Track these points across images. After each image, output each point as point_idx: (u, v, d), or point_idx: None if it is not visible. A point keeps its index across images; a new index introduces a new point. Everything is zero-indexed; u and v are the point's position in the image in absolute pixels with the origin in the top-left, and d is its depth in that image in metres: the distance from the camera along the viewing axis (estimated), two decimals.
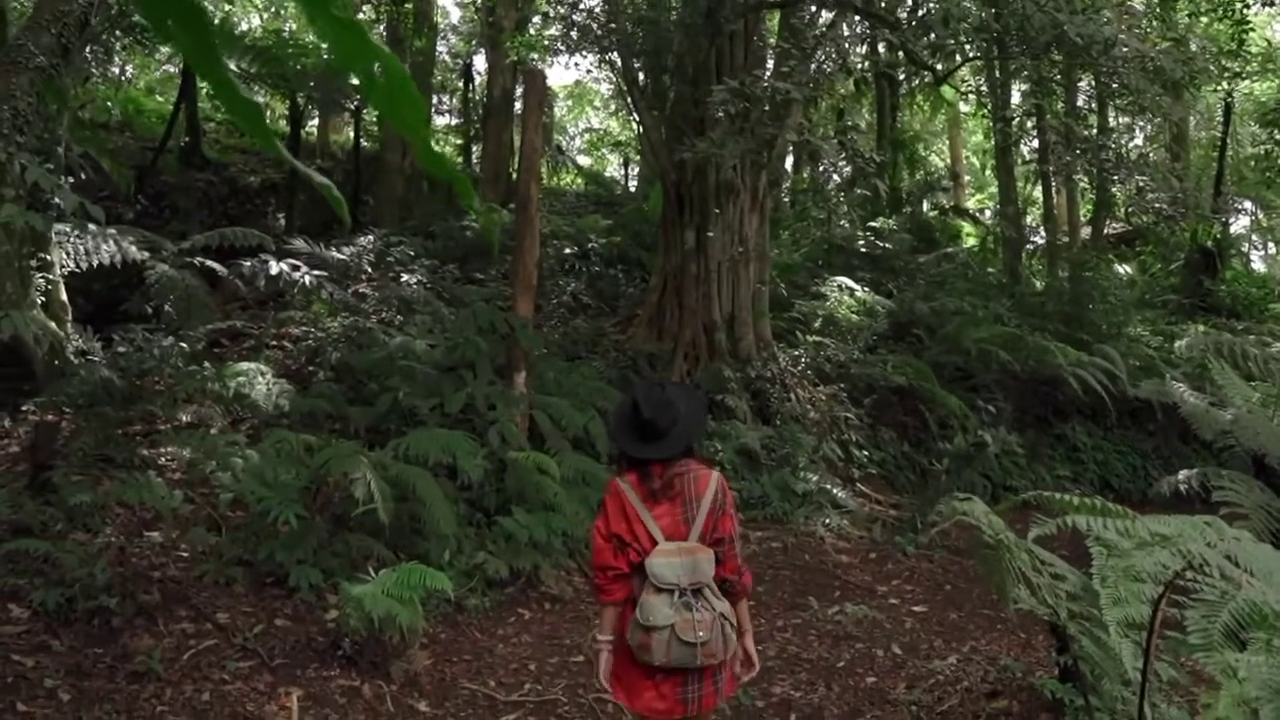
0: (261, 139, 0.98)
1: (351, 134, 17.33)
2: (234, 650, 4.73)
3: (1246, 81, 16.47)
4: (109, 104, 15.21)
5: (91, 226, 8.33)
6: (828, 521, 8.76)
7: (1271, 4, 13.27)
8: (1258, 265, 25.04)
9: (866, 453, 10.32)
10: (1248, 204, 22.38)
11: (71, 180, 7.59)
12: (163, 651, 4.54)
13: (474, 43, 20.80)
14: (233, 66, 16.38)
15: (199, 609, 5.03)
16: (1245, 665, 2.12)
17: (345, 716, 4.42)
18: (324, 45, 0.98)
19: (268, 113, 25.43)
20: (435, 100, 21.05)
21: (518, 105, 18.34)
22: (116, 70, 17.41)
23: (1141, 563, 2.36)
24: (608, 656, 3.12)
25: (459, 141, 21.90)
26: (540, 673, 5.38)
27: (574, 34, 11.04)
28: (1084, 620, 3.48)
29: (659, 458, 3.03)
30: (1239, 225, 23.07)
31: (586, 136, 27.60)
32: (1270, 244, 27.61)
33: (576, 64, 18.27)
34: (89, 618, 4.63)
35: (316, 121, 19.45)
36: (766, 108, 9.09)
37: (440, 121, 22.22)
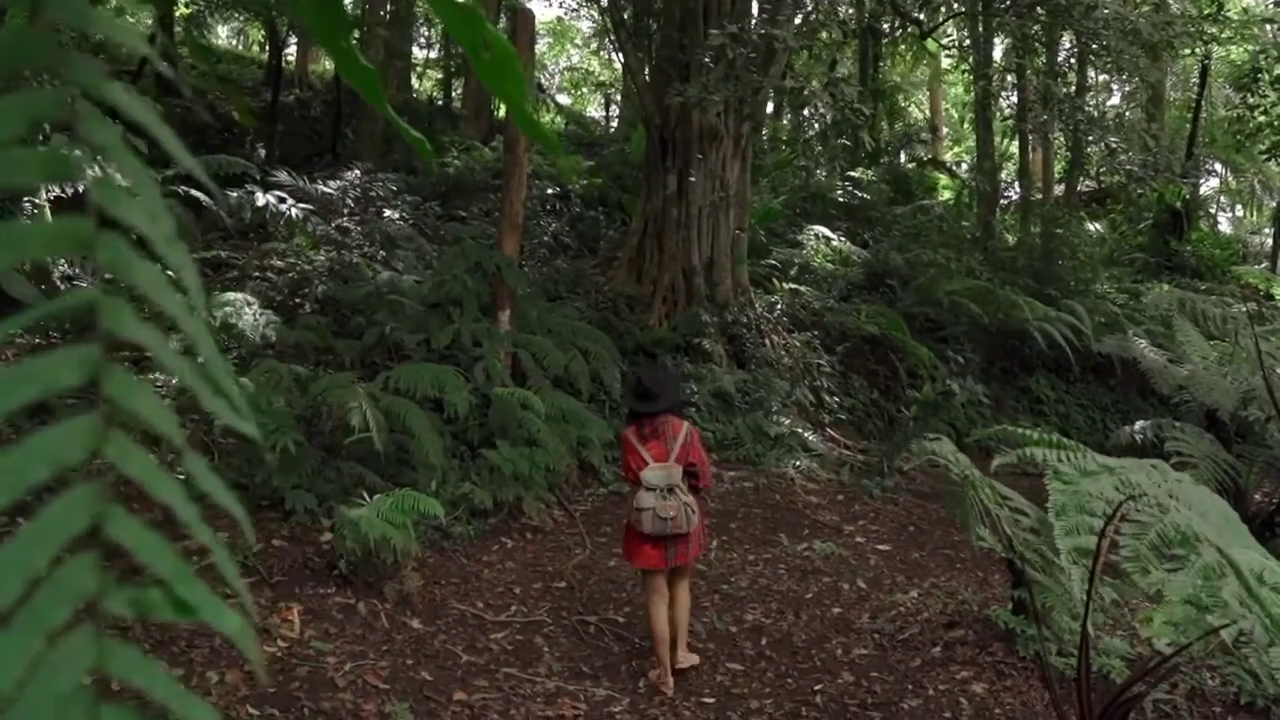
0: (380, 105, 1.15)
1: (332, 65, 17.12)
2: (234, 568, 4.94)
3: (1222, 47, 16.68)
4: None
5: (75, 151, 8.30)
6: (798, 464, 9.07)
7: None
8: (1224, 227, 25.51)
9: (837, 399, 10.63)
10: (1218, 166, 22.75)
11: None
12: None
13: None
14: None
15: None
16: (1170, 583, 2.39)
17: (343, 630, 4.67)
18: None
19: (244, 39, 24.94)
20: (415, 33, 20.82)
21: None
22: None
23: (1090, 490, 2.63)
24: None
25: (439, 76, 21.68)
26: (525, 596, 5.65)
27: None
28: (1038, 554, 3.77)
29: (651, 412, 4.73)
30: (1208, 187, 23.46)
31: (567, 75, 27.36)
32: (1237, 206, 28.10)
33: (563, 2, 18.04)
34: (91, 534, 4.81)
35: (295, 50, 19.22)
36: (753, 54, 9.19)
37: (420, 55, 21.96)
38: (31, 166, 0.41)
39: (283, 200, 9.48)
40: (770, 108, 18.06)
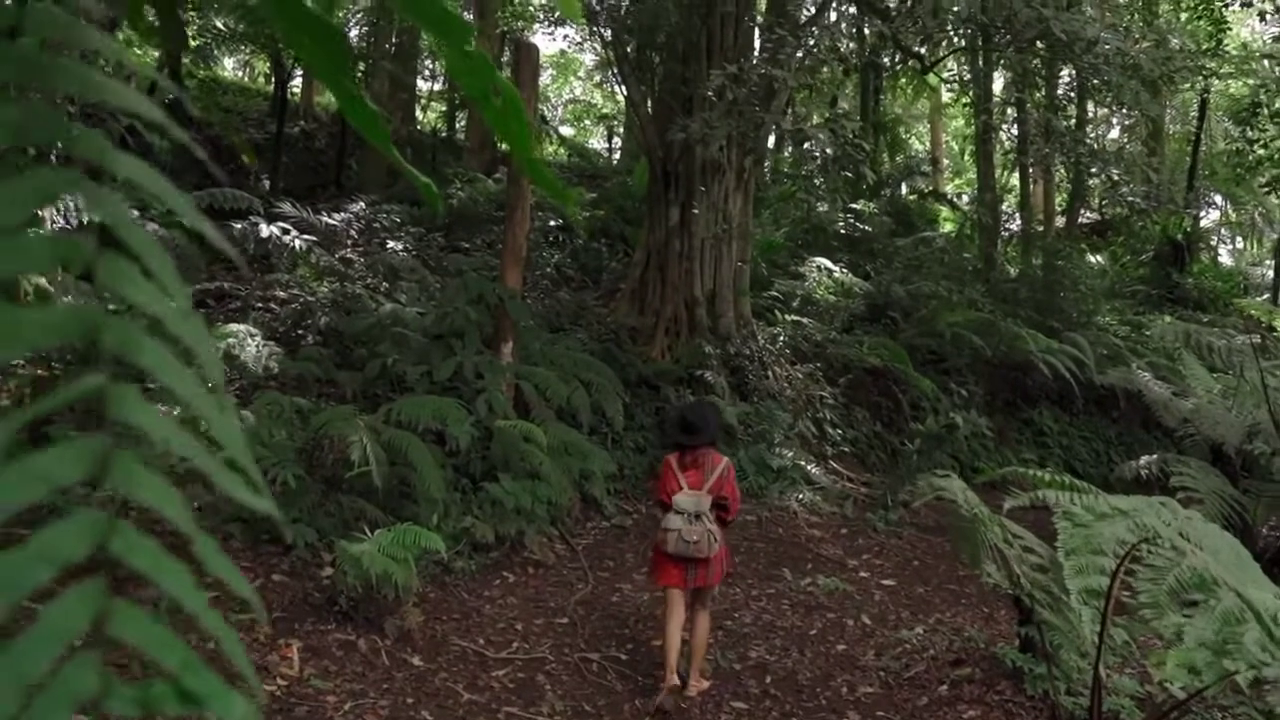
0: (383, 147, 1.14)
1: None
2: (234, 603, 4.89)
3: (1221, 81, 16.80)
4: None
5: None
6: (801, 497, 9.02)
7: (1249, 4, 13.57)
8: (1225, 259, 25.56)
9: (840, 431, 10.59)
10: (1218, 198, 22.84)
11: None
12: (167, 602, 4.68)
13: (459, 6, 20.68)
14: (218, 24, 16.27)
15: (198, 562, 5.17)
16: (1189, 628, 2.36)
17: (343, 668, 4.61)
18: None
19: (249, 70, 25.16)
20: (419, 66, 20.98)
21: (503, 73, 18.28)
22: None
23: (1102, 532, 2.60)
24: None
25: (443, 108, 21.83)
26: (527, 632, 5.59)
27: None
28: (1047, 593, 3.73)
29: (693, 444, 5.07)
30: (1209, 219, 23.53)
31: (570, 108, 27.55)
32: (1238, 238, 28.16)
33: (566, 35, 18.18)
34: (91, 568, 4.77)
35: (300, 82, 19.34)
36: (755, 90, 9.24)
37: (425, 87, 22.13)
38: (41, 254, 0.40)
39: (286, 231, 9.50)
40: (772, 140, 18.15)
